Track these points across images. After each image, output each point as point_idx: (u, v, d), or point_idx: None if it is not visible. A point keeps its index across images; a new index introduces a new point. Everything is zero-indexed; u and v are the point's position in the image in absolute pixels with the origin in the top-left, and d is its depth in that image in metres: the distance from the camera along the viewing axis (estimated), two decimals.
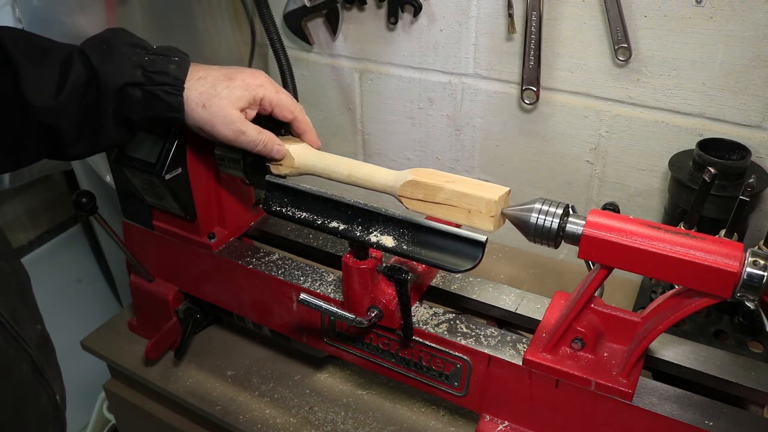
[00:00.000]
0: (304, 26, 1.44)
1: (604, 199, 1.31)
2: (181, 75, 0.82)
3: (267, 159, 0.94)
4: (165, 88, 0.81)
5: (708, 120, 1.14)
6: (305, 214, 0.86)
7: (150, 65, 0.80)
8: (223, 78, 0.85)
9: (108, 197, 1.38)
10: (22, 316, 0.69)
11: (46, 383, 0.71)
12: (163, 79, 0.80)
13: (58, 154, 0.83)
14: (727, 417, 0.75)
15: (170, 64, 0.81)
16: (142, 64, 0.80)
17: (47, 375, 0.71)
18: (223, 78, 0.85)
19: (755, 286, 0.63)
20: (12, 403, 0.65)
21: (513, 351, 0.84)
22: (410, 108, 1.45)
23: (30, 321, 0.71)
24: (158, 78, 0.80)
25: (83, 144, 0.82)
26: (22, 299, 0.71)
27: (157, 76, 0.80)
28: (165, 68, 0.81)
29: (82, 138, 0.81)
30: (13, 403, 0.65)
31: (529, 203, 0.75)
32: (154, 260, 1.14)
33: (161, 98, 0.81)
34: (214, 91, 0.83)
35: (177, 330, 1.16)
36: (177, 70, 0.82)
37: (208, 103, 0.83)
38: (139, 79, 0.80)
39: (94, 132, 0.81)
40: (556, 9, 1.17)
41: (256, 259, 1.04)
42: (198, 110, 0.83)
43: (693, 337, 1.05)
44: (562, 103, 1.26)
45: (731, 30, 1.04)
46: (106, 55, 0.79)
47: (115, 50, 0.80)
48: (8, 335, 0.65)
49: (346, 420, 1.04)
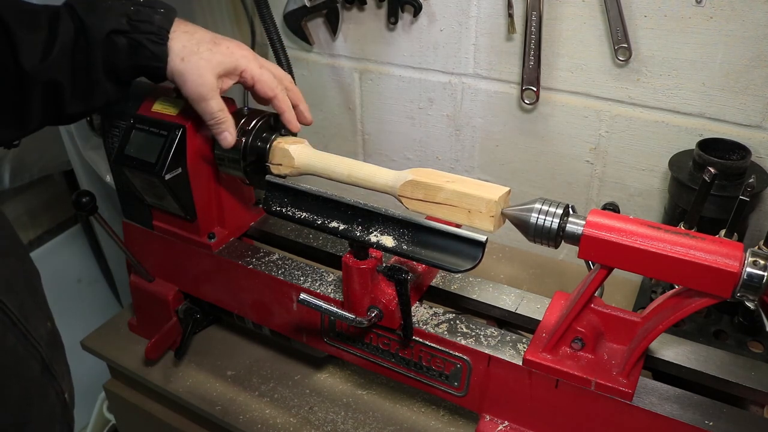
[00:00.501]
0: (304, 26, 1.44)
1: (604, 199, 1.31)
2: (166, 25, 0.83)
3: (265, 159, 0.94)
4: (150, 37, 0.82)
5: (708, 120, 1.14)
6: (305, 214, 0.86)
7: (135, 14, 0.82)
8: (209, 40, 0.86)
9: (108, 197, 1.38)
10: (31, 313, 0.69)
11: (54, 381, 0.71)
12: (148, 27, 0.82)
13: (58, 117, 0.84)
14: (727, 417, 0.75)
15: (155, 15, 0.83)
16: (128, 13, 0.82)
17: (56, 373, 0.71)
18: (209, 40, 0.86)
19: (755, 286, 0.63)
20: (19, 401, 0.65)
21: (513, 351, 0.84)
22: (410, 108, 1.45)
23: (40, 318, 0.71)
24: (143, 27, 0.82)
25: (79, 101, 0.84)
26: (31, 296, 0.71)
27: (142, 25, 0.82)
28: (150, 18, 0.82)
29: (77, 93, 0.82)
30: (20, 401, 0.65)
31: (529, 203, 0.75)
32: (154, 260, 1.14)
33: (146, 47, 0.82)
34: (196, 49, 0.84)
35: (177, 330, 1.16)
36: (162, 20, 0.83)
37: (188, 58, 0.83)
38: (125, 27, 0.81)
39: (88, 87, 0.83)
40: (556, 9, 1.17)
41: (256, 259, 1.04)
42: (176, 61, 0.84)
43: (693, 337, 1.05)
44: (562, 103, 1.26)
45: (731, 30, 1.04)
46: (92, 5, 0.81)
47: (101, 1, 0.82)
48: (18, 332, 0.65)
49: (346, 420, 1.04)
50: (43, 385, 0.69)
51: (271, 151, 0.95)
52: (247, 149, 0.95)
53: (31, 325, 0.68)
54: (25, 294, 0.70)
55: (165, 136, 0.96)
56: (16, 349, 0.65)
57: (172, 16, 0.85)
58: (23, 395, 0.66)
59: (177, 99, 0.99)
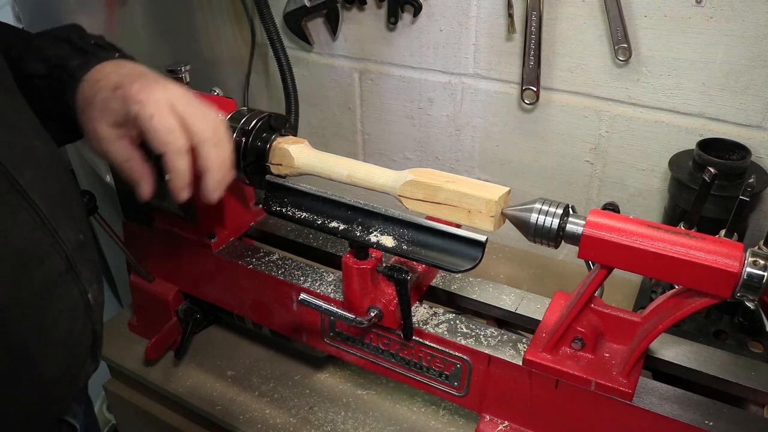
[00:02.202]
0: (304, 26, 1.44)
1: (604, 199, 1.31)
2: (80, 72, 0.76)
3: (265, 159, 0.94)
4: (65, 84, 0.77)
5: (708, 120, 1.14)
6: (305, 214, 0.86)
7: (56, 58, 0.79)
8: (112, 86, 0.74)
9: (108, 197, 1.38)
10: (62, 220, 0.68)
11: (79, 281, 0.69)
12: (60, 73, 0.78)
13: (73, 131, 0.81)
14: (727, 417, 0.75)
15: (74, 59, 0.78)
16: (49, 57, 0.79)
17: (81, 275, 0.69)
18: (112, 86, 0.74)
19: (755, 286, 0.63)
20: (40, 286, 0.64)
21: (513, 351, 0.84)
22: (410, 108, 1.45)
23: (71, 227, 0.70)
24: (56, 72, 0.78)
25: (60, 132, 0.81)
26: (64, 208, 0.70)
27: (56, 70, 0.78)
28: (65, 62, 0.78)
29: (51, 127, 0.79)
30: (41, 286, 0.64)
31: (529, 203, 0.75)
32: (154, 260, 1.14)
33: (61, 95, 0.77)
34: (93, 98, 0.74)
35: (177, 330, 1.16)
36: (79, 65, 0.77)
37: (85, 109, 0.75)
38: (42, 71, 0.78)
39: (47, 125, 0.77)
40: (556, 9, 1.17)
41: (256, 259, 1.04)
42: (79, 113, 0.76)
43: (693, 337, 1.05)
44: (562, 103, 1.26)
45: (731, 30, 1.04)
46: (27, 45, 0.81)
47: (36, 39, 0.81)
48: (46, 230, 0.65)
49: (346, 420, 1.04)
50: (66, 281, 0.68)
51: (271, 151, 0.95)
52: (246, 149, 0.95)
53: (61, 228, 0.67)
54: (57, 200, 0.68)
55: None
56: (42, 242, 0.65)
57: (93, 62, 0.77)
58: (44, 281, 0.65)
59: None
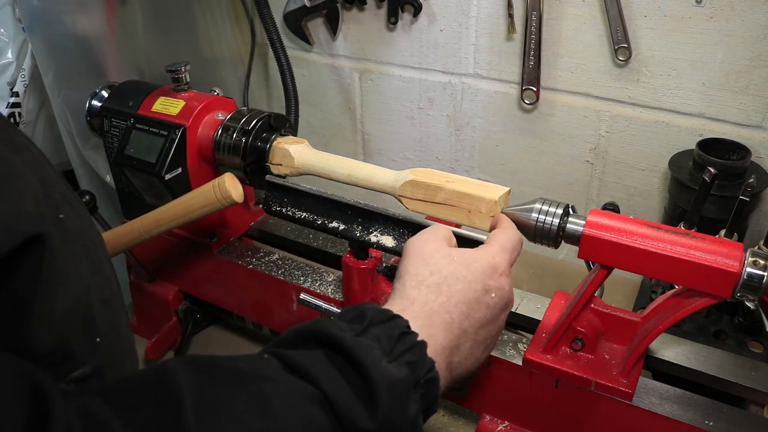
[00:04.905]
0: (304, 26, 1.44)
1: (604, 199, 1.31)
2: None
3: (265, 159, 0.94)
4: None
5: (708, 120, 1.14)
6: (305, 214, 0.86)
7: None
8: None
9: (108, 197, 1.38)
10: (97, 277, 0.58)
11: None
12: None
13: None
14: (727, 417, 0.75)
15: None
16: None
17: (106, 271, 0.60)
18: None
19: (755, 286, 0.63)
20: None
21: (513, 351, 0.84)
22: (410, 108, 1.45)
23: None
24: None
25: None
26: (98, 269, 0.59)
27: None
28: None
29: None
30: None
31: (529, 203, 0.75)
32: (154, 260, 1.14)
33: None
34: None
35: (177, 330, 1.16)
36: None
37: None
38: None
39: None
40: (556, 9, 1.17)
41: (256, 259, 1.04)
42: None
43: (693, 337, 1.05)
44: (562, 103, 1.26)
45: (731, 30, 1.04)
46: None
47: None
48: None
49: None
50: None
51: (271, 151, 0.95)
52: (247, 149, 0.95)
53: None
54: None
55: (165, 136, 0.96)
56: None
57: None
58: None
59: (177, 99, 0.99)
